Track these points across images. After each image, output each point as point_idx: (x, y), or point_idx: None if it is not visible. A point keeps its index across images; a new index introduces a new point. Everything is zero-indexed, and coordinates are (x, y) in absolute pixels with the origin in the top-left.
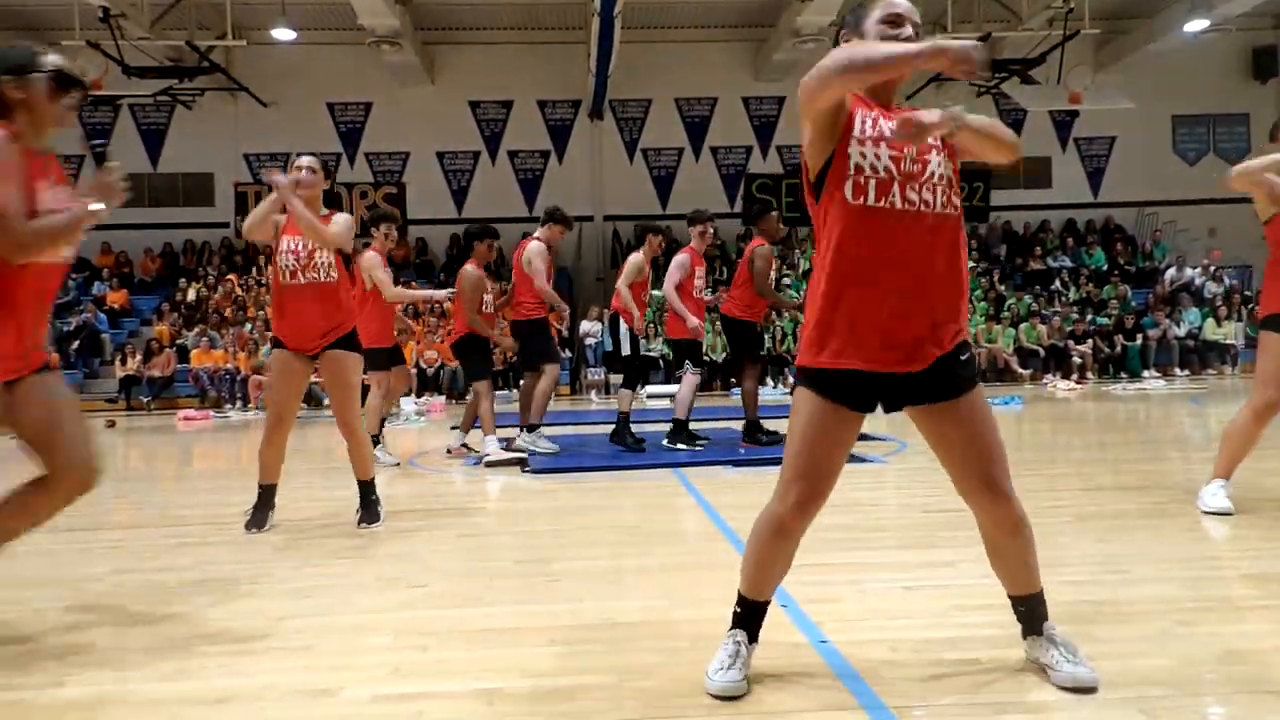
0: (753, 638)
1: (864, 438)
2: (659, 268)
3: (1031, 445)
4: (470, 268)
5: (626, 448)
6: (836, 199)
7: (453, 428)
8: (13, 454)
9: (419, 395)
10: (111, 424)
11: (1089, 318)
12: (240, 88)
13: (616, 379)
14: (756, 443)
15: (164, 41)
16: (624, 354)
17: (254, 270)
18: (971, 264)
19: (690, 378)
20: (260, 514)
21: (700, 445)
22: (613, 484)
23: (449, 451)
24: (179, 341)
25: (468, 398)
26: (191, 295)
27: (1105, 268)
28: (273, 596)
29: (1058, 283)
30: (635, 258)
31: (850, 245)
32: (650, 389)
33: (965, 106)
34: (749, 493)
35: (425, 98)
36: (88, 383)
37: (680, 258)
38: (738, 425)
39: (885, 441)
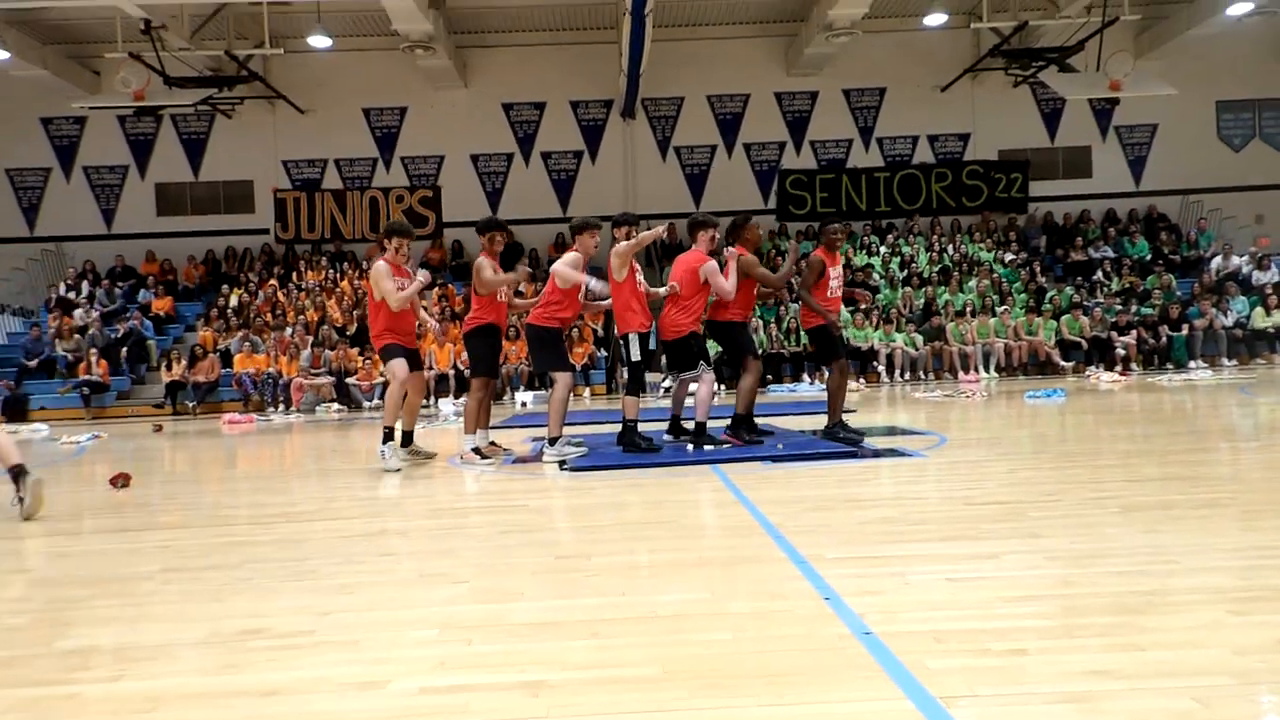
0: None
1: (906, 432)
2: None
3: (1075, 437)
4: (484, 259)
5: (640, 451)
6: None
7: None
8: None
9: (457, 396)
10: (159, 428)
11: (1133, 308)
12: (278, 95)
13: (653, 377)
14: (738, 438)
15: (203, 52)
16: (632, 359)
17: (294, 276)
18: (1011, 256)
19: (707, 377)
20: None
21: (725, 444)
22: (651, 480)
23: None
24: (222, 347)
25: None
26: (234, 301)
27: (1149, 257)
28: (318, 593)
29: (1100, 273)
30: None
31: None
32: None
33: None
34: (788, 487)
35: (459, 101)
36: (135, 388)
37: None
38: (776, 421)
39: (925, 436)
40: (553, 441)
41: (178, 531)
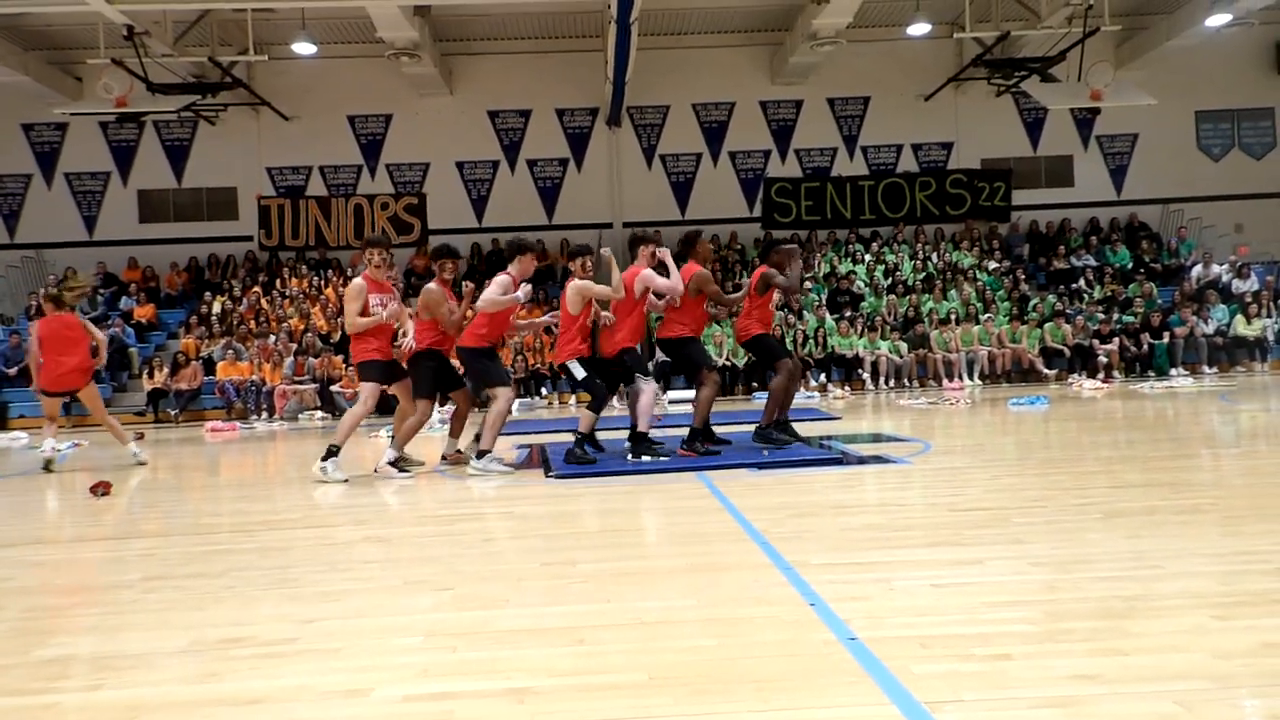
0: None
1: (891, 439)
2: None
3: (1059, 444)
4: (435, 285)
5: (579, 461)
6: None
7: (475, 435)
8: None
9: (443, 404)
10: (140, 436)
11: (1114, 316)
12: (262, 102)
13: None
14: (694, 450)
15: (187, 58)
16: (580, 378)
17: (277, 283)
18: (994, 264)
19: (648, 387)
20: None
21: (663, 455)
22: (636, 487)
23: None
24: (205, 354)
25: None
26: (217, 308)
27: (1130, 266)
28: (301, 600)
29: (1082, 282)
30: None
31: None
32: (671, 394)
33: None
34: (773, 494)
35: (444, 108)
36: (117, 396)
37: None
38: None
39: (909, 443)
40: (481, 455)
41: (159, 540)
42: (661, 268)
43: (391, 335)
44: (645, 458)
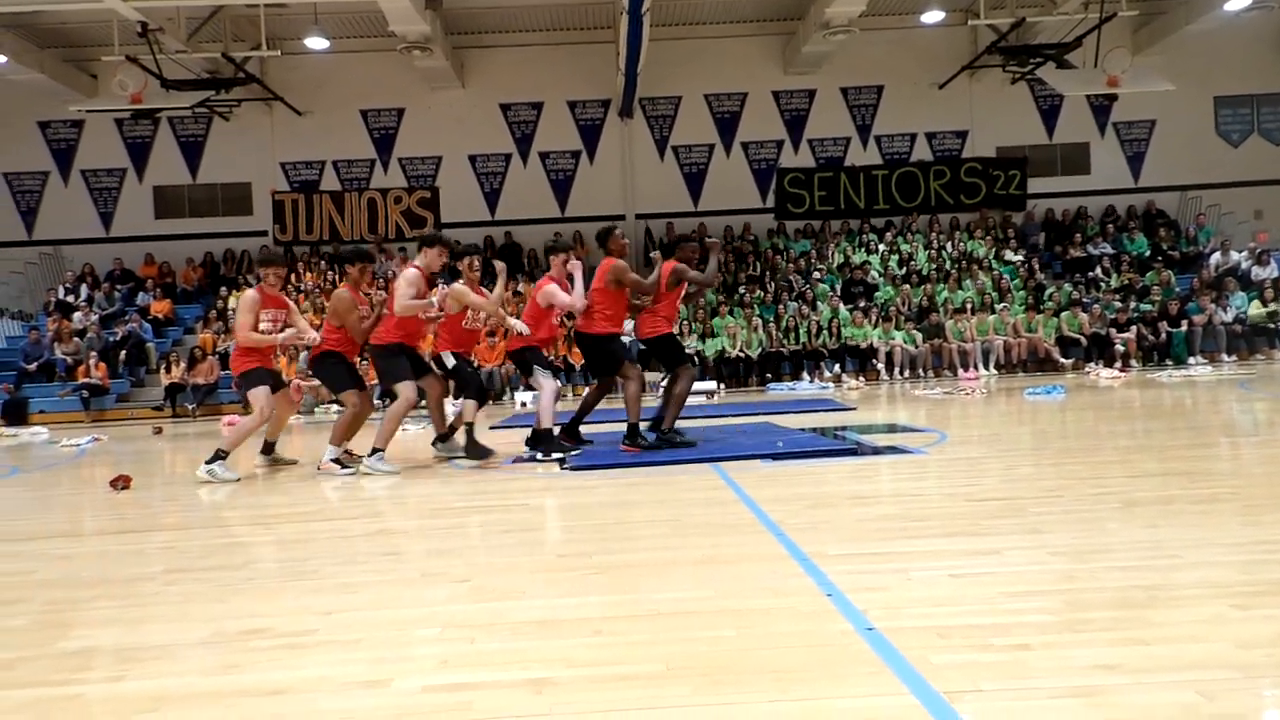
0: None
1: (907, 429)
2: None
3: (1075, 433)
4: (344, 291)
5: (478, 456)
6: None
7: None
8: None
9: (456, 397)
10: (158, 431)
11: (1132, 305)
12: (275, 97)
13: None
14: (636, 446)
15: (201, 54)
16: (450, 367)
17: (292, 277)
18: (1012, 255)
19: (548, 384)
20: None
21: (577, 451)
22: (651, 479)
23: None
24: (221, 349)
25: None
26: (232, 303)
27: (1147, 254)
28: (321, 592)
29: (1099, 270)
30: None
31: None
32: None
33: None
34: (788, 485)
35: (456, 102)
36: (134, 391)
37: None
38: (776, 419)
39: (925, 433)
40: (373, 452)
41: (179, 533)
42: (614, 270)
43: (273, 349)
44: (555, 455)
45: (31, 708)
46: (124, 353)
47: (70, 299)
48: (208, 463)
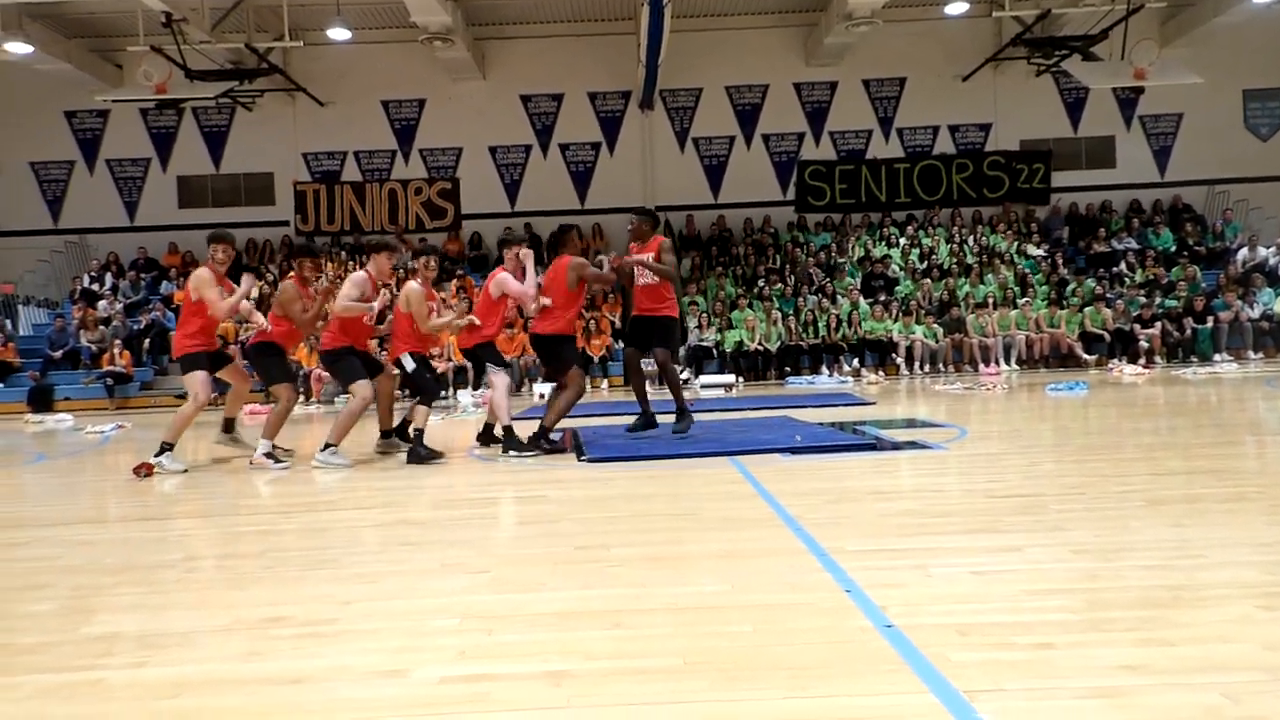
0: None
1: (926, 424)
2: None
3: (1098, 430)
4: (289, 283)
5: (420, 460)
6: None
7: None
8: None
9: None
10: None
11: (1156, 300)
12: (298, 88)
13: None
14: (539, 449)
15: (224, 45)
16: (409, 371)
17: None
18: (1034, 248)
19: (499, 380)
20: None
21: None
22: (670, 472)
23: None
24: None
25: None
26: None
27: (1173, 249)
28: (339, 582)
29: (1123, 265)
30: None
31: None
32: (704, 379)
33: None
34: (807, 480)
35: (477, 93)
36: (158, 379)
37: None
38: (794, 413)
39: (945, 428)
40: (327, 446)
41: (200, 520)
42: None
43: (215, 328)
44: (528, 453)
45: (57, 692)
46: (147, 341)
47: (95, 287)
48: (156, 455)
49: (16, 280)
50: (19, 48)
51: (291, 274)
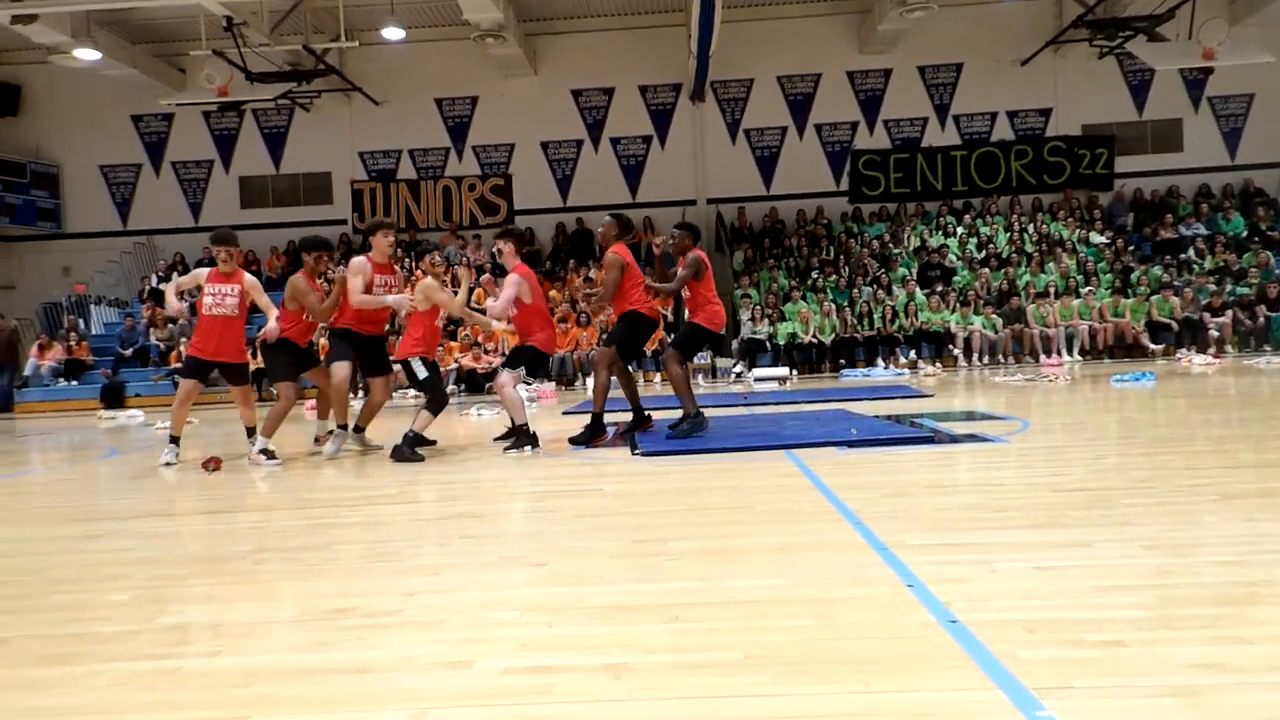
0: None
1: (986, 417)
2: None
3: (1167, 422)
4: (299, 276)
5: (402, 459)
6: None
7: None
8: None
9: (526, 381)
10: None
11: (1227, 288)
12: (354, 88)
13: (723, 362)
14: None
15: (282, 47)
16: (420, 376)
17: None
18: (1097, 236)
19: (507, 378)
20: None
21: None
22: (725, 466)
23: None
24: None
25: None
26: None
27: (1244, 234)
28: (402, 574)
29: (1191, 252)
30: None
31: None
32: (757, 371)
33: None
34: (864, 473)
35: (529, 89)
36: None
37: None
38: (850, 406)
39: (1006, 421)
40: (254, 433)
41: (266, 514)
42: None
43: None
44: (526, 449)
45: (136, 679)
46: None
47: (162, 287)
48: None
49: (88, 281)
50: (88, 54)
51: (301, 270)
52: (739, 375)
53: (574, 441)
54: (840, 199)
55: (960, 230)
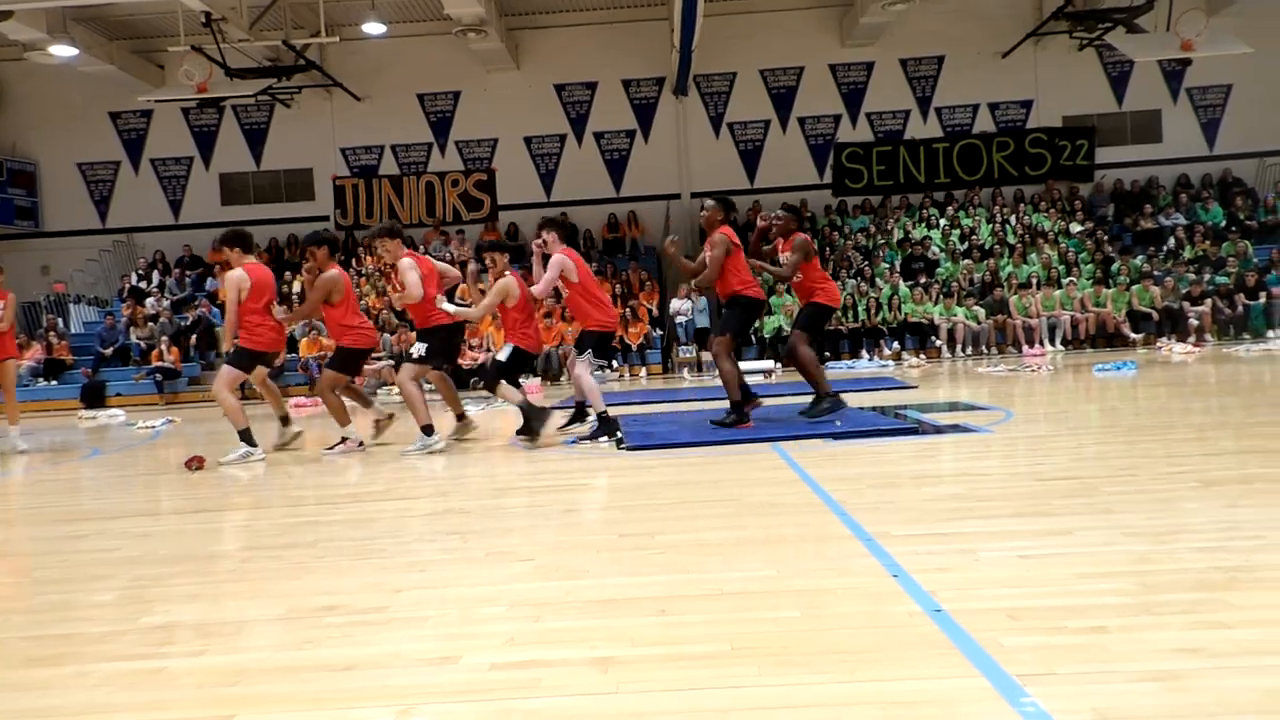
0: None
1: (970, 408)
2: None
3: (1148, 410)
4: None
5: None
6: None
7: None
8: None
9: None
10: None
11: (1206, 277)
12: (335, 84)
13: (709, 356)
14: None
15: (262, 42)
16: (501, 359)
17: (353, 261)
18: (1076, 225)
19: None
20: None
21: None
22: (711, 459)
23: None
24: (287, 332)
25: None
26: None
27: (1223, 224)
28: (389, 570)
29: (1171, 241)
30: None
31: None
32: (743, 365)
33: None
34: (850, 464)
35: (512, 84)
36: (205, 374)
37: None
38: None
39: (990, 411)
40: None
41: (252, 512)
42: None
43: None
44: (602, 440)
45: (122, 679)
46: (194, 337)
47: (143, 285)
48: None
49: (67, 279)
50: (64, 50)
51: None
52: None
53: (717, 423)
54: (824, 192)
55: (943, 222)
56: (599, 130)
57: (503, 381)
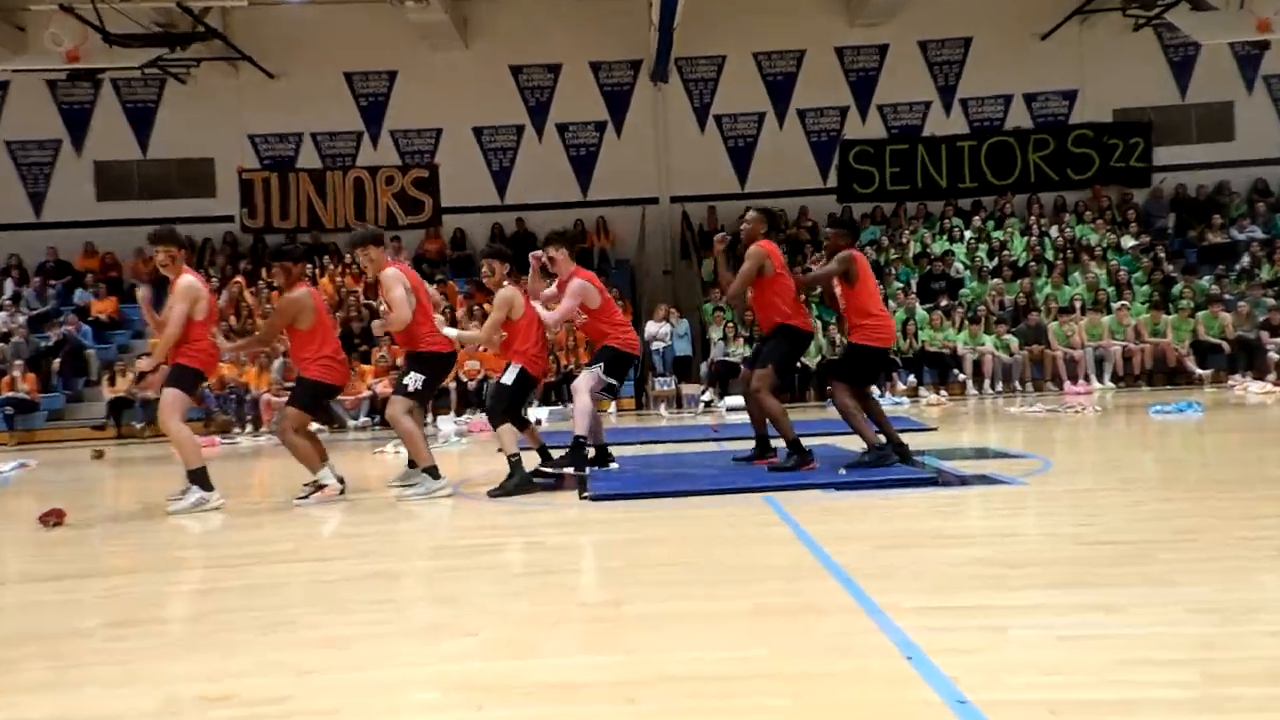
0: None
1: (1000, 455)
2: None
3: (1218, 462)
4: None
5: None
6: None
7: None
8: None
9: (459, 412)
10: (99, 454)
11: None
12: (242, 57)
13: (690, 389)
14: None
15: (151, 3)
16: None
17: (263, 272)
18: (1130, 239)
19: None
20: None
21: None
22: (690, 511)
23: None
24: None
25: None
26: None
27: None
28: (296, 647)
29: (1246, 259)
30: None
31: None
32: (730, 400)
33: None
34: (856, 521)
35: (459, 64)
36: (70, 407)
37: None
38: (839, 441)
39: (1024, 459)
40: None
41: (125, 577)
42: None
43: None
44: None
45: None
46: (58, 361)
47: None
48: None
49: None
50: None
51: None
52: (709, 404)
53: (774, 469)
54: (828, 197)
55: (968, 235)
56: (563, 122)
57: (507, 424)
